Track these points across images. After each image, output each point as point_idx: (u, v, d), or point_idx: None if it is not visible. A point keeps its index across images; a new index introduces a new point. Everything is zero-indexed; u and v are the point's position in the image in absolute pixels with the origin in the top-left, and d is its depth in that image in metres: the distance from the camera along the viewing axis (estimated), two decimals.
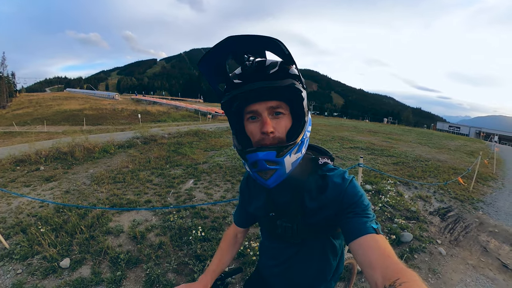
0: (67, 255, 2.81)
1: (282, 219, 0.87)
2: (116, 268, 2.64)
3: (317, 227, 0.84)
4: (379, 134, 17.49)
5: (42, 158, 6.86)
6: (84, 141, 8.21)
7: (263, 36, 0.61)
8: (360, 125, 26.28)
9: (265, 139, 0.71)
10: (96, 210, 3.82)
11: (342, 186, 0.77)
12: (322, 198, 0.80)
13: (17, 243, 3.02)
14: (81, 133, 12.17)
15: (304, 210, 0.82)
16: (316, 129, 18.14)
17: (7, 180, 5.43)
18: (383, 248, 0.60)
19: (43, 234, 3.08)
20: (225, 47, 0.62)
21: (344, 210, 0.74)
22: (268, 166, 0.69)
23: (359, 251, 0.63)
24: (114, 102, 48.41)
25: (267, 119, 0.71)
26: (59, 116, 32.63)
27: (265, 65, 0.70)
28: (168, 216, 3.69)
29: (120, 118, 29.56)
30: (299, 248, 0.91)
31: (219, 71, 0.69)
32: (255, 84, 0.67)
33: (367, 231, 0.66)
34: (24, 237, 3.12)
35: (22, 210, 3.93)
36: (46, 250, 2.84)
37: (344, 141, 12.49)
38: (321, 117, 51.83)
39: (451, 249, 3.39)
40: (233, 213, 1.17)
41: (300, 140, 0.72)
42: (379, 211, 4.21)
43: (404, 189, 5.55)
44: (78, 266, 2.66)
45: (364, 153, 9.51)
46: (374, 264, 0.57)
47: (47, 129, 22.80)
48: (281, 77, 0.68)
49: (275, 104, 0.72)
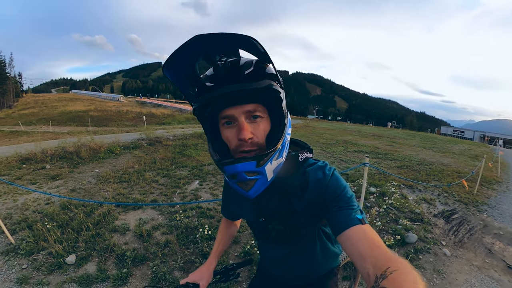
0: (73, 252, 2.82)
1: (273, 223, 0.85)
2: (122, 265, 2.65)
3: (307, 224, 0.85)
4: (383, 138, 17.46)
5: (48, 157, 6.91)
6: (89, 141, 8.26)
7: (234, 34, 0.56)
8: (364, 129, 26.22)
9: (243, 145, 0.67)
10: (102, 209, 3.84)
11: (324, 181, 0.75)
12: (306, 196, 0.78)
13: (22, 238, 3.04)
14: (86, 133, 12.26)
15: (293, 211, 0.81)
16: (320, 132, 18.17)
17: (13, 177, 5.48)
18: (371, 238, 0.60)
19: (49, 231, 3.10)
20: (193, 47, 0.56)
21: (328, 204, 0.72)
22: (248, 177, 0.65)
23: (348, 243, 0.63)
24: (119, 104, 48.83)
25: (244, 124, 0.66)
26: (65, 117, 32.99)
27: (239, 65, 0.64)
28: (174, 215, 3.71)
29: (125, 120, 29.79)
30: (295, 245, 0.91)
31: (189, 74, 0.64)
32: (229, 87, 0.62)
33: (353, 222, 0.65)
34: (30, 233, 3.14)
35: (28, 207, 3.96)
36: (52, 246, 2.85)
37: (348, 144, 12.47)
38: (324, 121, 51.89)
39: (455, 250, 3.39)
40: (221, 211, 1.15)
41: (280, 145, 0.68)
42: (384, 213, 4.21)
43: (408, 192, 5.53)
44: (84, 262, 2.68)
45: (369, 157, 9.53)
46: (364, 254, 0.57)
47: (52, 129, 23.03)
48: (257, 78, 0.63)
49: (252, 108, 0.67)
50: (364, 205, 4.43)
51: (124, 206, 3.99)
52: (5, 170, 5.98)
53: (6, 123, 31.60)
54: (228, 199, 1.05)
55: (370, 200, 4.70)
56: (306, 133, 17.46)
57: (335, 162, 8.09)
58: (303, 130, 19.66)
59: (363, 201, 3.70)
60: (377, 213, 4.16)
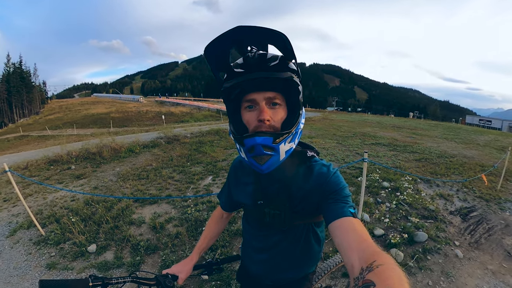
0: (94, 242, 3.15)
1: (270, 207, 0.90)
2: (136, 254, 2.90)
3: (302, 214, 0.89)
4: (403, 130, 16.75)
5: (73, 158, 7.41)
6: (111, 142, 8.70)
7: (271, 29, 0.64)
8: (384, 121, 25.28)
9: (262, 126, 0.75)
10: (121, 204, 4.14)
11: (327, 176, 0.83)
12: (307, 186, 0.85)
13: (51, 230, 3.42)
14: (108, 134, 12.88)
15: (292, 198, 0.87)
16: (337, 125, 17.75)
17: (42, 178, 5.96)
18: (359, 231, 0.64)
19: (74, 224, 3.44)
20: (233, 35, 0.65)
21: (326, 197, 0.79)
22: (265, 151, 0.72)
23: (337, 232, 0.67)
24: (139, 104, 50.03)
25: (264, 107, 0.75)
26: (88, 119, 34.55)
27: (266, 58, 0.73)
28: (186, 209, 3.92)
29: (145, 119, 30.68)
30: (285, 235, 0.94)
31: (222, 59, 0.73)
32: (255, 74, 0.71)
33: (345, 214, 0.70)
34: (57, 226, 3.51)
35: (56, 203, 4.36)
36: (76, 237, 3.20)
37: (365, 137, 12.15)
38: (344, 113, 50.38)
39: (469, 252, 3.16)
40: (218, 195, 1.23)
41: (294, 130, 0.76)
42: (394, 209, 4.09)
43: (425, 187, 5.34)
44: (103, 251, 2.98)
45: (386, 150, 9.22)
46: (351, 245, 0.60)
47: (76, 132, 24.25)
48: (280, 70, 0.73)
49: (272, 95, 0.76)
50: (375, 200, 4.37)
51: (141, 201, 4.27)
52: (35, 172, 6.52)
53: (34, 129, 33.76)
54: (230, 185, 1.11)
55: (381, 196, 4.60)
56: (323, 126, 17.09)
57: (351, 155, 7.90)
58: (321, 123, 19.23)
59: (363, 198, 3.58)
60: (387, 209, 4.06)
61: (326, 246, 3.01)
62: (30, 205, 4.22)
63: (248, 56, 0.73)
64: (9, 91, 60.80)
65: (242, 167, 1.04)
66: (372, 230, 3.40)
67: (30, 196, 4.81)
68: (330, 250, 2.96)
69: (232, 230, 3.32)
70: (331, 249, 2.97)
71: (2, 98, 59.53)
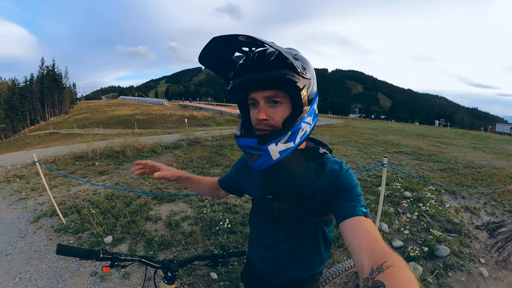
0: (110, 234, 3.27)
1: (279, 202, 0.89)
2: (150, 248, 2.96)
3: (312, 211, 0.86)
4: (428, 138, 16.08)
5: (97, 155, 7.75)
6: (134, 142, 9.01)
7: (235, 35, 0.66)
8: (409, 128, 24.43)
9: (259, 124, 0.77)
10: (140, 200, 4.28)
11: (339, 173, 0.80)
12: (318, 182, 0.83)
13: (72, 220, 3.61)
14: (132, 135, 13.33)
15: (301, 193, 0.85)
16: (360, 132, 17.46)
17: (68, 171, 6.27)
18: (371, 232, 0.62)
19: (93, 215, 3.58)
20: (212, 47, 0.71)
21: (338, 194, 0.76)
22: (252, 151, 0.76)
23: (348, 231, 0.65)
24: (163, 108, 51.66)
25: (262, 107, 0.76)
26: (113, 120, 36.19)
27: (264, 55, 0.72)
28: (202, 209, 3.96)
29: (168, 122, 31.61)
30: (293, 232, 0.92)
31: (225, 63, 0.78)
32: (247, 75, 0.74)
33: (357, 213, 0.68)
34: (78, 216, 3.69)
35: (79, 196, 4.57)
36: (94, 228, 3.34)
37: (388, 145, 11.78)
38: (367, 120, 48.80)
39: (496, 271, 2.91)
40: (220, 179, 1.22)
41: (290, 130, 0.74)
42: (415, 220, 3.90)
43: (449, 198, 5.09)
44: (119, 243, 3.08)
45: (409, 158, 8.89)
46: (362, 245, 0.58)
47: (102, 131, 25.46)
48: (275, 67, 0.71)
49: (271, 94, 0.75)
50: (396, 211, 4.21)
51: (159, 199, 4.37)
52: (62, 166, 6.91)
53: (63, 127, 35.93)
54: (239, 173, 1.13)
55: (402, 206, 4.42)
56: (345, 133, 16.83)
57: (372, 163, 7.70)
58: (343, 130, 18.94)
59: (381, 206, 3.35)
60: (407, 220, 3.89)
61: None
62: (54, 195, 4.46)
63: (249, 56, 0.75)
64: (42, 92, 66.70)
65: None
66: (391, 241, 3.26)
67: (55, 187, 5.09)
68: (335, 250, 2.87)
69: (246, 232, 3.31)
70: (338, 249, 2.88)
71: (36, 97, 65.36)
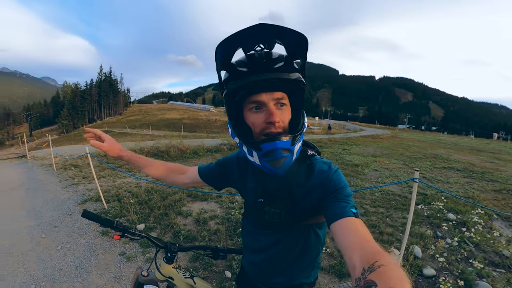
0: (143, 222, 3.58)
1: (270, 205, 0.87)
2: (175, 239, 3.14)
3: (303, 213, 0.85)
4: (483, 153, 14.06)
5: (144, 153, 8.40)
6: (179, 143, 9.63)
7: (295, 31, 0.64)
8: (462, 142, 21.93)
9: (271, 128, 0.73)
10: (175, 196, 4.61)
11: (328, 174, 0.79)
12: (308, 184, 0.82)
13: (112, 206, 4.07)
14: (178, 137, 14.20)
15: (292, 196, 0.84)
16: (407, 145, 16.19)
17: (116, 165, 6.92)
18: (362, 232, 0.62)
19: (131, 204, 3.96)
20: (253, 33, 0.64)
21: (328, 195, 0.75)
22: (283, 154, 0.71)
23: (339, 232, 0.65)
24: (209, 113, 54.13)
25: (273, 109, 0.72)
26: (162, 123, 38.95)
27: (273, 57, 0.71)
28: (231, 210, 4.08)
29: (213, 127, 33.02)
30: (284, 235, 0.90)
31: (229, 58, 0.71)
32: (264, 75, 0.68)
33: (348, 214, 0.67)
34: (118, 204, 4.13)
35: (122, 187, 5.07)
36: (130, 215, 3.70)
37: (437, 159, 10.63)
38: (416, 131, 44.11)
39: None
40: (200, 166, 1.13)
41: (304, 129, 0.76)
42: (455, 247, 3.37)
43: (501, 225, 4.31)
44: (149, 231, 3.34)
45: (459, 175, 7.91)
46: (353, 246, 0.58)
47: (151, 132, 27.55)
48: (288, 70, 0.71)
49: (280, 96, 0.74)
50: (434, 234, 3.79)
51: (193, 197, 4.65)
52: (111, 160, 7.70)
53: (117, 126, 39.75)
54: (223, 173, 1.05)
55: (442, 229, 3.93)
56: (391, 144, 15.78)
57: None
58: (389, 142, 17.77)
59: (409, 226, 2.83)
60: (445, 246, 3.39)
61: None
62: (101, 184, 5.02)
63: (254, 55, 0.70)
64: (99, 95, 76.87)
65: (246, 164, 0.99)
66: (421, 268, 2.82)
67: (103, 177, 5.75)
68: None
69: None
70: None
71: (94, 100, 75.76)
